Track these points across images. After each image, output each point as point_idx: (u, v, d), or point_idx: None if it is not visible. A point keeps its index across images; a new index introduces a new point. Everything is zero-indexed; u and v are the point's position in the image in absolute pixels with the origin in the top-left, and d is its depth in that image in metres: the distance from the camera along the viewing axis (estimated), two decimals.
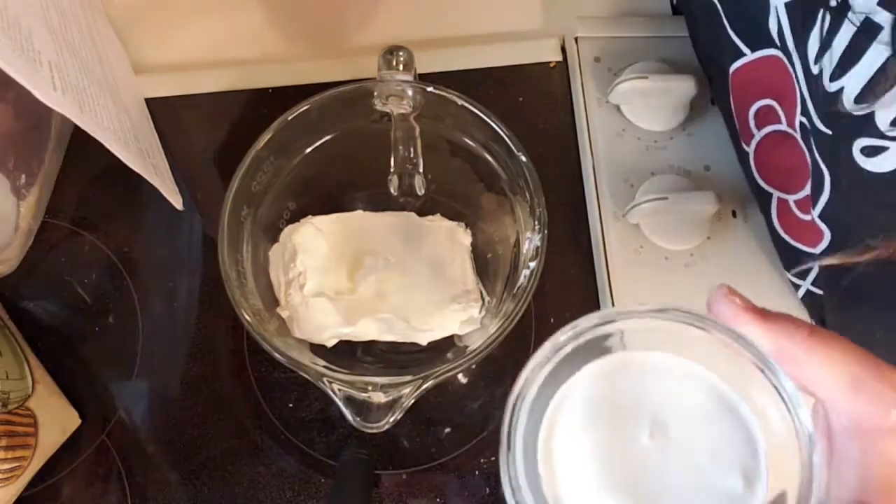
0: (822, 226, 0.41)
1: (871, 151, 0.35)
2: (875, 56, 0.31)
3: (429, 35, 0.57)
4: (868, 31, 0.31)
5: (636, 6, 0.57)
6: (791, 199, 0.46)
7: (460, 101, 0.44)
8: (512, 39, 0.57)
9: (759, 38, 0.42)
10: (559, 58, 0.56)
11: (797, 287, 0.48)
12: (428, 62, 0.53)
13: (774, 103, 0.45)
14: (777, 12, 0.39)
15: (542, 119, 0.55)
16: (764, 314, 0.24)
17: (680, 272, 0.50)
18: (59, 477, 0.48)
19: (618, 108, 0.53)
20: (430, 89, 0.44)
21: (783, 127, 0.44)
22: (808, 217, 0.44)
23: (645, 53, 0.54)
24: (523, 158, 0.42)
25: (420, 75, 0.46)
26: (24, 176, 0.49)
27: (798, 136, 0.43)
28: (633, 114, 0.52)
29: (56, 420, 0.47)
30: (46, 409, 0.46)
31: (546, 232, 0.41)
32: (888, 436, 0.21)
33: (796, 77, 0.40)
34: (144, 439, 0.49)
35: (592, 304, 0.51)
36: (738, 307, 0.24)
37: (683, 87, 0.51)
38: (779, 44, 0.41)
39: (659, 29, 0.55)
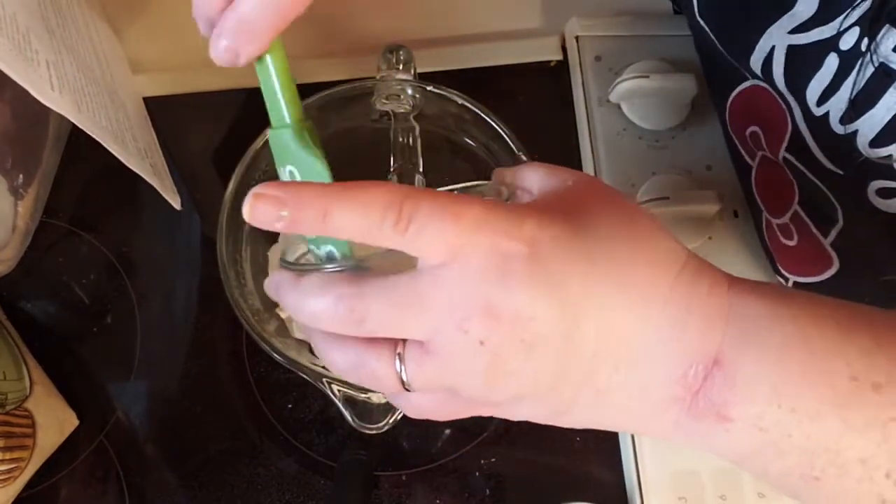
0: (832, 254, 0.42)
1: (887, 193, 0.35)
2: (892, 100, 0.32)
3: (429, 34, 0.57)
4: (885, 75, 0.32)
5: (637, 5, 0.57)
6: (776, 221, 0.46)
7: (460, 101, 0.43)
8: (512, 38, 0.56)
9: (747, 69, 0.42)
10: (560, 57, 0.56)
11: None
12: (428, 61, 0.53)
13: (760, 132, 0.45)
14: (773, 52, 0.39)
15: (542, 118, 0.55)
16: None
17: None
18: (58, 478, 0.48)
19: (619, 107, 0.52)
20: (429, 88, 0.44)
21: (768, 154, 0.45)
22: (791, 242, 0.45)
23: (646, 52, 0.54)
24: (524, 158, 0.42)
25: (420, 74, 0.46)
26: (21, 175, 0.48)
27: (785, 167, 0.43)
28: (633, 113, 0.52)
29: (54, 421, 0.47)
30: (44, 410, 0.46)
31: None
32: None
33: (792, 116, 0.40)
34: (143, 440, 0.49)
35: None
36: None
37: (684, 86, 0.51)
38: (763, 79, 0.41)
39: (660, 28, 0.55)
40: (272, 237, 0.47)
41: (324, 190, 0.24)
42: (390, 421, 0.39)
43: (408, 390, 0.25)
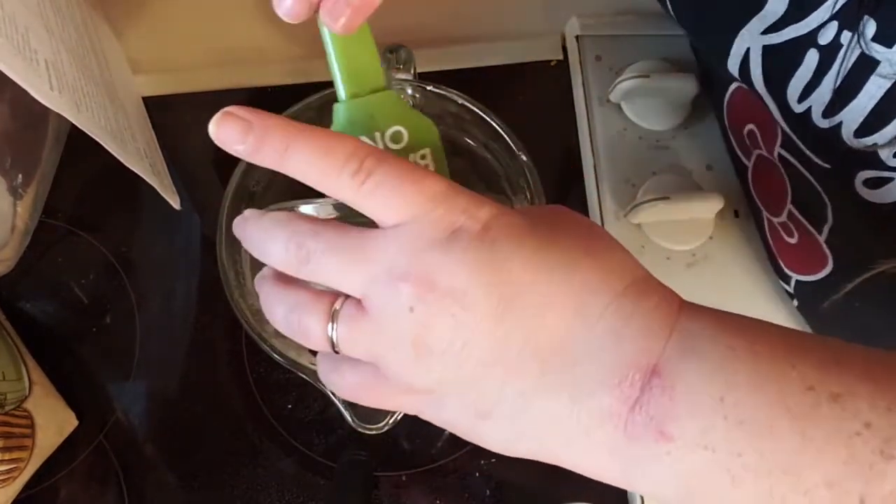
0: (827, 252, 0.42)
1: (874, 183, 0.35)
2: (873, 89, 0.32)
3: (429, 34, 0.57)
4: (867, 64, 0.32)
5: (638, 4, 0.57)
6: (776, 220, 0.46)
7: (460, 101, 0.43)
8: (512, 38, 0.56)
9: (725, 72, 0.42)
10: (560, 56, 0.56)
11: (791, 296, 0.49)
12: (428, 61, 0.53)
13: (756, 130, 0.45)
14: (749, 54, 0.39)
15: (542, 118, 0.55)
16: None
17: (682, 272, 0.49)
18: (57, 478, 0.48)
19: (619, 106, 0.52)
20: (429, 88, 0.44)
21: (764, 153, 0.45)
22: (792, 240, 0.44)
23: (646, 52, 0.54)
24: (524, 158, 0.42)
25: (420, 74, 0.46)
26: (20, 175, 0.48)
27: (779, 165, 0.43)
28: (634, 113, 0.52)
29: (53, 421, 0.47)
30: (43, 411, 0.46)
31: None
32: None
33: (773, 114, 0.40)
34: (142, 440, 0.49)
35: None
36: None
37: (685, 86, 0.51)
38: (741, 81, 0.41)
39: (660, 27, 0.54)
40: None
41: (291, 125, 0.24)
42: (390, 421, 0.39)
43: (336, 351, 0.25)
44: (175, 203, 0.48)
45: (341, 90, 0.29)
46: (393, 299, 0.23)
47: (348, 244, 0.24)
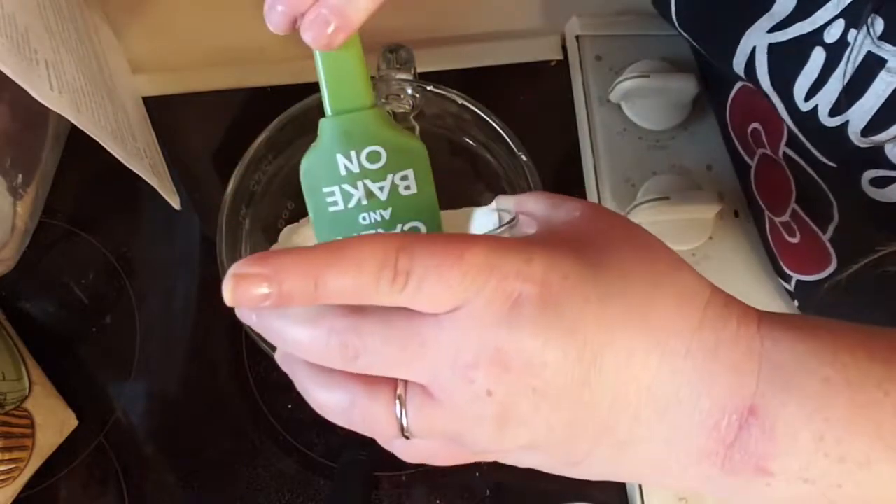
0: (831, 250, 0.42)
1: (881, 182, 0.35)
2: (881, 87, 0.32)
3: (429, 34, 0.57)
4: (874, 63, 0.32)
5: (638, 4, 0.57)
6: (778, 220, 0.46)
7: (460, 101, 0.43)
8: (512, 38, 0.56)
9: (730, 72, 0.42)
10: (560, 56, 0.56)
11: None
12: (428, 61, 0.53)
13: (761, 129, 0.45)
14: (755, 53, 0.39)
15: (542, 118, 0.55)
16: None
17: None
18: (57, 478, 0.48)
19: (619, 106, 0.52)
20: (429, 88, 0.44)
21: (769, 151, 0.45)
22: (794, 240, 0.44)
23: (646, 52, 0.54)
24: (524, 158, 0.42)
25: (420, 74, 0.46)
26: (20, 175, 0.48)
27: (784, 163, 0.43)
28: (634, 113, 0.52)
29: (53, 421, 0.47)
30: (43, 411, 0.46)
31: None
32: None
33: (779, 113, 0.40)
34: (142, 441, 0.49)
35: None
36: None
37: (685, 86, 0.51)
38: (747, 80, 0.41)
39: (660, 27, 0.54)
40: (272, 238, 0.47)
41: (311, 257, 0.21)
42: None
43: (406, 437, 0.23)
44: (175, 203, 0.48)
45: (326, 105, 0.29)
46: (466, 388, 0.22)
47: (399, 335, 0.22)
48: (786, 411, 0.22)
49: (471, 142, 0.46)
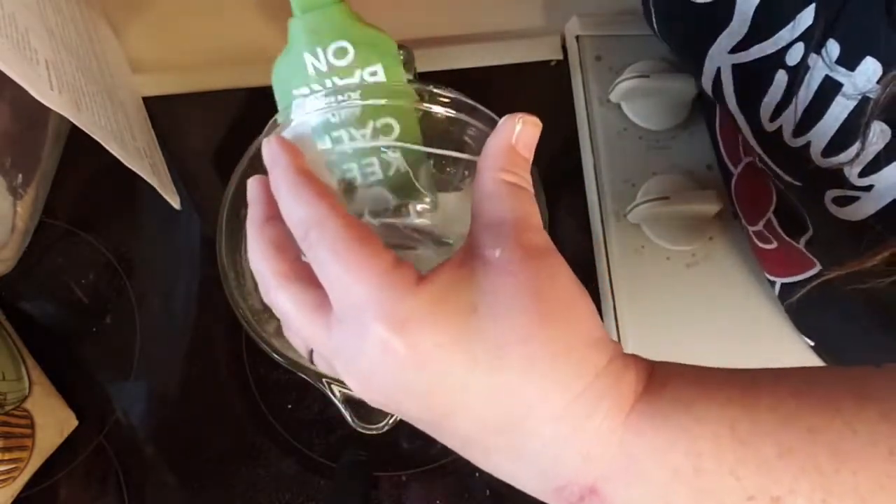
0: (810, 255, 0.42)
1: (842, 202, 0.35)
2: (838, 110, 0.32)
3: (429, 34, 0.57)
4: (831, 87, 0.32)
5: (638, 5, 0.57)
6: (751, 229, 0.46)
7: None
8: (512, 38, 0.56)
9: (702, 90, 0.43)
10: (560, 56, 0.56)
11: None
12: (428, 61, 0.53)
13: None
14: (720, 73, 0.39)
15: (542, 118, 0.54)
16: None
17: (681, 272, 0.49)
18: (57, 478, 0.48)
19: (619, 106, 0.52)
20: (430, 88, 0.44)
21: (755, 160, 0.45)
22: (770, 246, 0.45)
23: (646, 52, 0.54)
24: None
25: (420, 74, 0.46)
26: (20, 175, 0.48)
27: (769, 174, 0.43)
28: (634, 113, 0.52)
29: (53, 421, 0.47)
30: (43, 411, 0.46)
31: (547, 231, 0.41)
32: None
33: (743, 134, 0.40)
34: (142, 441, 0.49)
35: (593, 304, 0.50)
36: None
37: (685, 86, 0.51)
38: (714, 99, 0.41)
39: None
40: None
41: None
42: (390, 421, 0.39)
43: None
44: (175, 203, 0.48)
45: (293, 4, 0.29)
46: (361, 340, 0.24)
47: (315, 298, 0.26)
48: (629, 494, 0.23)
49: (470, 142, 0.46)
